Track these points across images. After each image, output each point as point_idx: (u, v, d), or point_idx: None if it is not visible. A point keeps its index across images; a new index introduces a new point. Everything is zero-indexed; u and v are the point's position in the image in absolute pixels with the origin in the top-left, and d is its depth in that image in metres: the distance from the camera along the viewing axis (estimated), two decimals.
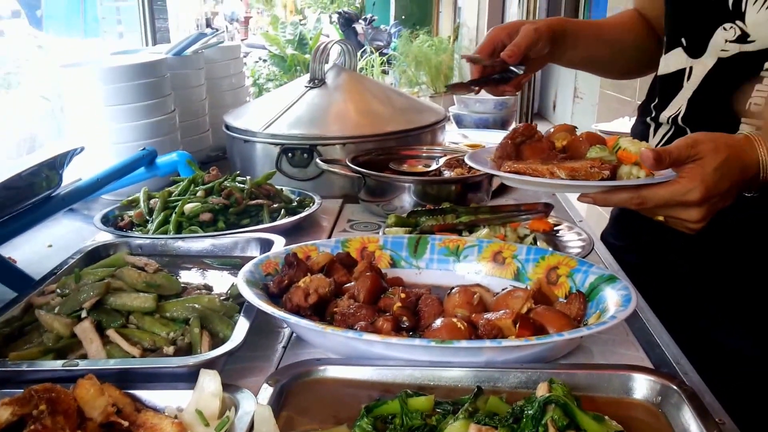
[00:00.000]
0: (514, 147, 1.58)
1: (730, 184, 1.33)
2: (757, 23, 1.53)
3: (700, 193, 1.31)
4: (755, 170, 1.35)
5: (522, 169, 1.46)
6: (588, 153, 1.49)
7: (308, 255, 1.60)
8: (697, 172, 1.32)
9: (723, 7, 1.58)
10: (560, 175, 1.41)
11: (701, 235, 1.56)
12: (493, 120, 3.53)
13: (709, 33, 1.62)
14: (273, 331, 1.45)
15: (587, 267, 1.49)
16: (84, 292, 1.37)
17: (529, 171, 1.45)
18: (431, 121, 2.55)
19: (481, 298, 1.41)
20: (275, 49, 11.80)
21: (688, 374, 1.28)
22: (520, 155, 1.58)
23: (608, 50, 2.02)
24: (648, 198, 1.36)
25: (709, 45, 1.63)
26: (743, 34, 1.55)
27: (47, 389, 1.03)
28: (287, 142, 2.36)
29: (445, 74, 11.00)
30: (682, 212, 1.36)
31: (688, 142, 1.33)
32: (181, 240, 1.83)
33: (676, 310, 1.65)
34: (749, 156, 1.34)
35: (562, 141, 1.58)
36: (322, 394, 1.19)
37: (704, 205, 1.33)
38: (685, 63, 1.70)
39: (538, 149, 1.57)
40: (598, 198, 1.41)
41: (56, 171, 1.76)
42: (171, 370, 1.21)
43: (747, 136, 1.37)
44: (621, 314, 1.27)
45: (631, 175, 1.43)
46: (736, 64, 1.58)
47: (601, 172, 1.39)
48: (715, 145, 1.32)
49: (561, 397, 1.05)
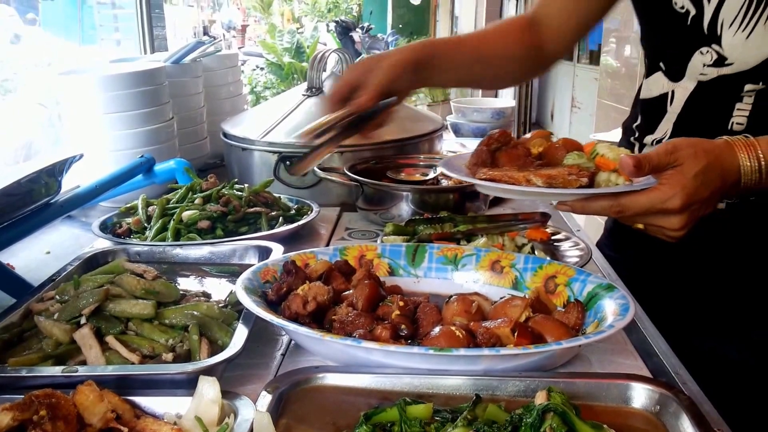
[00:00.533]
0: (489, 154, 1.54)
1: (711, 191, 1.31)
2: (733, 46, 1.53)
3: (680, 200, 1.28)
4: (736, 176, 1.32)
5: (497, 176, 1.43)
6: (565, 160, 1.47)
7: (306, 263, 1.60)
8: (677, 178, 1.29)
9: (698, 31, 1.57)
10: (537, 183, 1.38)
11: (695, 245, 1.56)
12: (490, 129, 3.54)
13: (687, 57, 1.61)
14: (271, 339, 1.45)
15: (585, 276, 1.49)
16: (83, 298, 1.38)
17: (505, 178, 1.42)
18: (429, 129, 2.55)
19: (479, 307, 1.41)
20: (272, 57, 11.81)
21: (686, 384, 1.28)
22: (495, 162, 1.53)
23: (484, 67, 1.94)
24: (627, 206, 1.33)
25: (687, 69, 1.62)
26: (720, 57, 1.55)
27: (47, 395, 1.03)
28: (285, 150, 2.37)
29: None
30: (662, 220, 1.34)
31: (667, 148, 1.31)
32: (179, 247, 1.83)
33: (673, 320, 1.65)
34: (729, 162, 1.32)
35: (539, 147, 1.54)
36: (321, 401, 1.19)
37: (685, 212, 1.31)
38: (666, 87, 1.69)
39: (513, 156, 1.52)
40: (576, 206, 1.39)
41: (55, 178, 1.76)
42: (170, 377, 1.21)
43: (727, 142, 1.35)
44: (619, 323, 1.27)
45: (610, 182, 1.39)
46: (716, 87, 1.57)
47: (579, 180, 1.36)
48: (695, 151, 1.30)
49: (559, 406, 1.05)
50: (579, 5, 1.86)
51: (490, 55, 1.91)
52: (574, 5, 1.87)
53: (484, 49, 1.91)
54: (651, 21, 1.74)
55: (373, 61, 1.69)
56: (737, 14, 1.50)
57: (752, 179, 1.32)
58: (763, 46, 1.49)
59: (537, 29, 1.92)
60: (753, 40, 1.49)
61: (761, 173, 1.31)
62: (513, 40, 1.92)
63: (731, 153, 1.32)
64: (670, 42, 1.66)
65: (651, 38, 1.76)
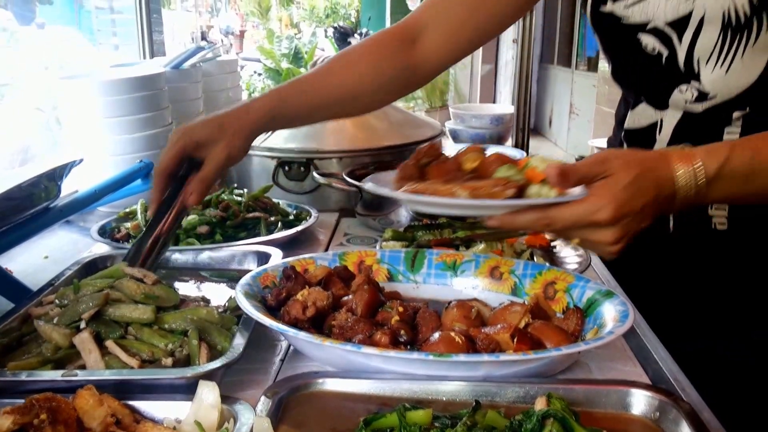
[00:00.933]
0: (417, 168, 1.47)
1: (643, 202, 1.24)
2: (713, 81, 1.48)
3: (610, 211, 1.21)
4: (671, 188, 1.25)
5: (421, 189, 1.36)
6: (495, 173, 1.39)
7: (306, 268, 1.60)
8: (606, 189, 1.22)
9: (675, 69, 1.52)
10: (461, 195, 1.31)
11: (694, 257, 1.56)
12: (489, 135, 3.55)
13: (667, 94, 1.57)
14: (270, 344, 1.45)
15: (584, 282, 1.49)
16: (83, 303, 1.38)
17: (429, 191, 1.34)
18: (427, 135, 2.56)
19: (478, 313, 1.41)
20: (270, 62, 11.82)
21: (685, 390, 1.28)
22: (424, 177, 1.45)
23: (335, 108, 1.79)
24: (555, 218, 1.25)
25: (669, 102, 1.58)
26: (702, 93, 1.50)
27: (48, 399, 1.04)
28: (284, 156, 2.37)
29: (441, 89, 11.04)
30: (594, 234, 1.27)
31: (597, 158, 1.26)
32: (179, 252, 1.83)
33: (671, 322, 1.65)
34: (664, 173, 1.25)
35: (472, 162, 1.46)
36: (321, 406, 1.19)
37: (617, 225, 1.24)
38: (655, 116, 1.63)
39: (443, 170, 1.44)
40: (504, 220, 1.30)
41: (55, 182, 1.76)
42: (169, 382, 1.21)
43: (662, 152, 1.30)
44: (619, 330, 1.27)
45: (540, 194, 1.31)
46: (703, 116, 1.53)
47: (505, 191, 1.29)
48: (626, 161, 1.25)
49: (559, 411, 1.05)
50: (473, 16, 1.75)
51: (346, 90, 1.76)
52: (467, 14, 1.75)
53: (336, 87, 1.75)
54: (623, 61, 1.68)
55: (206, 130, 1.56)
56: (712, 51, 1.46)
57: (689, 191, 1.25)
58: (744, 78, 1.45)
59: (413, 43, 1.77)
60: (733, 74, 1.46)
61: (698, 185, 1.25)
62: (379, 65, 1.77)
63: (666, 164, 1.26)
64: (647, 80, 1.62)
65: (626, 75, 1.71)
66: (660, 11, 1.47)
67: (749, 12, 1.37)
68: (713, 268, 1.64)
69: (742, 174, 1.25)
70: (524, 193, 1.31)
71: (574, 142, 10.72)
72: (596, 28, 1.66)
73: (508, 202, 1.28)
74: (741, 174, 1.25)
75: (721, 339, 1.63)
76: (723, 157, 1.25)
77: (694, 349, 1.59)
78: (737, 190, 1.28)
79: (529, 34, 3.36)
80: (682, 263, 1.69)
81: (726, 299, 1.63)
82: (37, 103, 3.51)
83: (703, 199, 1.27)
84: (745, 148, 1.27)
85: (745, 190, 1.28)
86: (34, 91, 3.63)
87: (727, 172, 1.25)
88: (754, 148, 1.27)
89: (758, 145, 1.28)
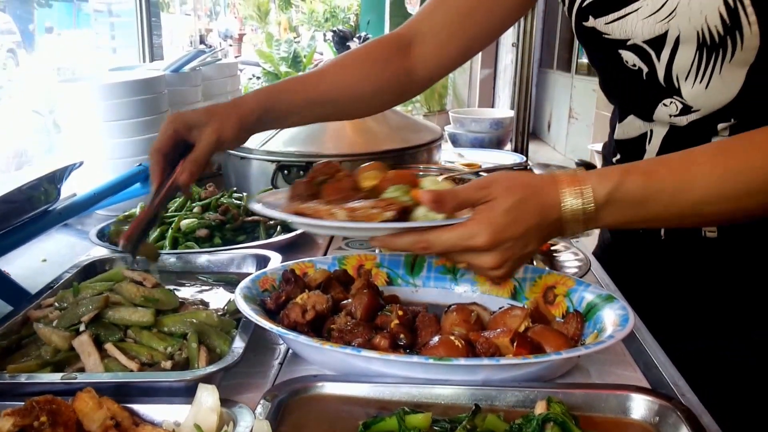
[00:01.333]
0: (310, 186, 1.45)
1: (525, 227, 1.23)
2: (695, 96, 1.47)
3: (486, 237, 1.21)
4: (557, 212, 1.23)
5: (303, 210, 1.34)
6: (384, 193, 1.36)
7: (305, 272, 1.60)
8: (485, 214, 1.22)
9: (656, 85, 1.52)
10: (340, 217, 1.29)
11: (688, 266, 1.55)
12: (488, 139, 3.54)
13: (652, 107, 1.56)
14: (269, 348, 1.45)
15: (584, 287, 1.49)
16: (82, 305, 1.38)
17: (309, 212, 1.33)
18: (427, 139, 2.56)
19: (478, 317, 1.41)
20: (269, 66, 11.82)
21: (685, 395, 1.28)
22: (317, 195, 1.43)
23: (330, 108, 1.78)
24: (433, 242, 1.24)
25: (654, 116, 1.57)
26: (685, 106, 1.49)
27: (48, 401, 1.04)
28: (283, 159, 2.37)
29: (440, 93, 11.05)
30: (473, 258, 1.26)
31: (480, 182, 1.25)
32: (177, 256, 1.83)
33: (670, 324, 1.65)
34: (550, 197, 1.23)
35: (371, 180, 1.43)
36: (320, 410, 1.19)
37: (495, 250, 1.23)
38: (644, 128, 1.62)
39: (337, 189, 1.42)
40: (385, 242, 1.30)
41: (55, 185, 1.76)
42: (168, 385, 1.21)
43: (552, 175, 1.27)
44: (619, 334, 1.27)
45: (428, 217, 1.29)
46: (690, 128, 1.52)
47: (383, 213, 1.27)
48: (509, 185, 1.23)
49: (559, 416, 1.05)
50: (464, 25, 1.76)
51: (341, 91, 1.76)
52: (458, 24, 1.76)
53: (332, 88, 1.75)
54: (609, 74, 1.68)
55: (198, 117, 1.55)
56: (689, 69, 1.45)
57: (577, 216, 1.23)
58: (724, 93, 1.43)
59: (408, 50, 1.79)
60: (713, 89, 1.44)
61: (587, 211, 1.23)
62: (373, 70, 1.78)
63: (553, 188, 1.24)
64: (632, 93, 1.61)
65: (613, 88, 1.71)
66: (638, 29, 1.47)
67: (723, 32, 1.36)
68: (706, 274, 1.64)
69: (635, 199, 1.24)
70: (411, 215, 1.31)
71: (572, 146, 10.75)
72: (581, 42, 1.66)
73: (384, 225, 1.27)
74: (633, 199, 1.24)
75: (721, 339, 1.63)
76: (614, 182, 1.23)
77: (694, 349, 1.59)
78: (631, 215, 1.26)
79: (530, 38, 3.36)
80: (676, 268, 1.69)
81: (724, 300, 1.63)
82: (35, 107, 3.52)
83: (596, 223, 1.26)
84: (638, 173, 1.25)
85: (639, 215, 1.26)
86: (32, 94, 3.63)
87: (619, 197, 1.23)
88: (647, 173, 1.25)
89: (652, 170, 1.27)
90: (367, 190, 1.41)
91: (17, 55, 4.31)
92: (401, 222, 1.28)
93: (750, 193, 1.22)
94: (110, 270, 1.69)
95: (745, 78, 1.40)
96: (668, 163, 1.29)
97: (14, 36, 4.23)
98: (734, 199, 1.22)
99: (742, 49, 1.37)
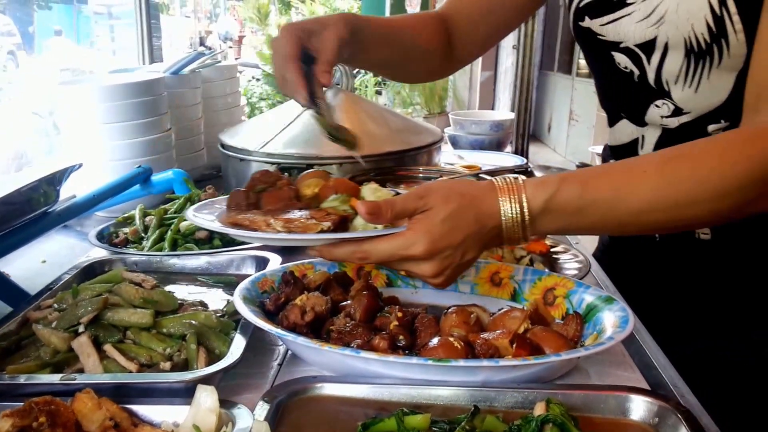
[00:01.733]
0: (246, 196, 1.44)
1: (463, 235, 1.24)
2: (685, 99, 1.49)
3: (423, 246, 1.22)
4: (496, 220, 1.25)
5: (239, 221, 1.34)
6: (324, 203, 1.38)
7: (305, 273, 1.60)
8: (422, 224, 1.23)
9: (647, 87, 1.53)
10: (276, 228, 1.30)
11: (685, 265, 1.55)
12: (489, 141, 3.54)
13: (644, 109, 1.57)
14: (268, 349, 1.45)
15: (584, 288, 1.49)
16: (81, 307, 1.38)
17: (245, 223, 1.33)
18: (427, 141, 2.55)
19: (477, 318, 1.41)
20: (269, 68, 11.81)
21: (684, 396, 1.28)
22: (257, 204, 1.43)
23: (398, 54, 1.81)
24: (370, 252, 1.25)
25: (646, 119, 1.58)
26: (677, 108, 1.51)
27: (47, 402, 1.04)
28: (283, 161, 2.36)
29: (440, 95, 11.03)
30: (412, 266, 1.27)
31: (418, 192, 1.26)
32: (177, 257, 1.83)
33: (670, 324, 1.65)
34: (488, 205, 1.25)
35: (314, 188, 1.44)
36: (319, 411, 1.19)
37: (433, 258, 1.24)
38: (636, 132, 1.64)
39: (276, 198, 1.42)
40: (324, 251, 1.30)
41: (54, 187, 1.76)
42: (167, 386, 1.21)
43: (491, 183, 1.27)
44: (618, 335, 1.27)
45: (367, 227, 1.30)
46: (681, 132, 1.53)
47: (320, 224, 1.28)
48: (446, 194, 1.24)
49: (558, 417, 1.05)
50: (489, 14, 1.83)
51: (407, 40, 1.80)
52: (483, 12, 1.83)
53: (396, 33, 1.78)
54: (603, 75, 1.70)
55: (307, 26, 1.52)
56: (678, 74, 1.47)
57: (515, 224, 1.24)
58: (714, 97, 1.45)
59: (446, 28, 1.86)
60: (702, 93, 1.46)
61: (523, 219, 1.24)
62: (427, 32, 1.83)
63: (491, 196, 1.25)
64: (624, 95, 1.63)
65: (607, 89, 1.72)
66: (630, 33, 1.49)
67: (709, 39, 1.38)
68: (702, 275, 1.64)
69: (572, 208, 1.24)
70: (350, 225, 1.32)
71: (573, 148, 10.74)
72: (578, 42, 1.69)
73: (317, 236, 1.28)
74: (569, 208, 1.24)
75: (720, 339, 1.63)
76: (550, 191, 1.24)
77: (693, 350, 1.59)
78: (567, 223, 1.27)
79: (530, 41, 3.36)
80: (673, 269, 1.69)
81: (722, 301, 1.63)
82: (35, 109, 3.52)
83: (534, 231, 1.26)
84: (575, 182, 1.25)
85: (575, 223, 1.27)
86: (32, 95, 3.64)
87: (555, 206, 1.24)
88: (583, 183, 1.25)
89: (588, 180, 1.27)
90: (308, 198, 1.42)
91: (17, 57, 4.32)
92: (338, 233, 1.29)
93: (691, 203, 1.22)
94: (110, 271, 1.69)
95: (734, 82, 1.41)
96: (609, 172, 1.30)
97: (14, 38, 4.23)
98: (674, 207, 1.23)
99: (729, 56, 1.38)
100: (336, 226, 1.29)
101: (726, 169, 1.19)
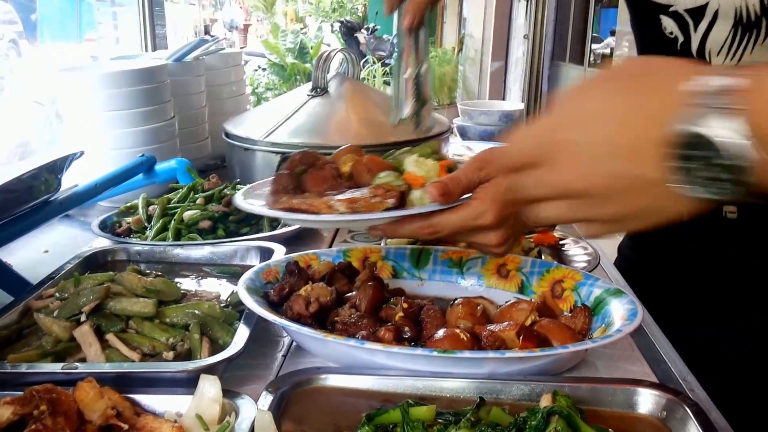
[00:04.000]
0: (292, 178, 1.40)
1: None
2: None
3: (492, 215, 1.19)
4: None
5: (296, 205, 1.30)
6: (375, 179, 1.33)
7: (309, 264, 1.59)
8: (488, 193, 1.19)
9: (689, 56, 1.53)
10: (340, 209, 1.26)
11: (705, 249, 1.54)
12: (498, 132, 3.51)
13: None
14: (272, 340, 1.44)
15: (593, 281, 1.47)
16: (83, 296, 1.37)
17: (304, 207, 1.29)
18: (435, 132, 2.54)
19: (484, 310, 1.40)
20: (275, 57, 11.80)
21: (693, 390, 1.27)
22: (301, 186, 1.38)
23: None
24: (440, 225, 1.23)
25: None
26: None
27: (48, 390, 1.03)
28: (288, 151, 2.35)
29: (449, 86, 11.00)
30: (480, 237, 1.25)
31: (477, 164, 1.22)
32: (180, 247, 1.82)
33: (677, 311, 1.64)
34: None
35: (348, 165, 1.40)
36: (323, 402, 1.18)
37: (501, 227, 1.22)
38: None
39: (320, 178, 1.38)
40: (387, 229, 1.29)
41: (55, 175, 1.75)
42: (170, 375, 1.20)
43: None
44: (626, 328, 1.25)
45: (423, 199, 1.27)
46: None
47: (385, 201, 1.25)
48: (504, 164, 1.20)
49: (565, 408, 1.04)
50: None
51: None
52: None
53: None
54: (646, 42, 1.71)
55: None
56: (723, 45, 1.47)
57: None
58: None
59: None
60: None
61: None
62: None
63: None
64: None
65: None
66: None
67: (759, 11, 1.38)
68: (723, 256, 1.63)
69: None
70: (406, 198, 1.29)
71: None
72: (626, 2, 1.69)
73: (390, 213, 1.25)
74: None
75: (729, 326, 1.62)
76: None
77: (701, 336, 1.58)
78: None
79: (541, 30, 3.34)
80: (693, 250, 1.68)
81: (736, 287, 1.62)
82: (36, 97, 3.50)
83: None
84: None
85: None
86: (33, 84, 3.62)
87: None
88: None
89: None
90: (348, 175, 1.39)
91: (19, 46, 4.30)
92: (406, 209, 1.27)
93: None
94: (112, 261, 1.68)
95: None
96: None
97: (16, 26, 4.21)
98: None
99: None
100: (398, 203, 1.27)
101: None
